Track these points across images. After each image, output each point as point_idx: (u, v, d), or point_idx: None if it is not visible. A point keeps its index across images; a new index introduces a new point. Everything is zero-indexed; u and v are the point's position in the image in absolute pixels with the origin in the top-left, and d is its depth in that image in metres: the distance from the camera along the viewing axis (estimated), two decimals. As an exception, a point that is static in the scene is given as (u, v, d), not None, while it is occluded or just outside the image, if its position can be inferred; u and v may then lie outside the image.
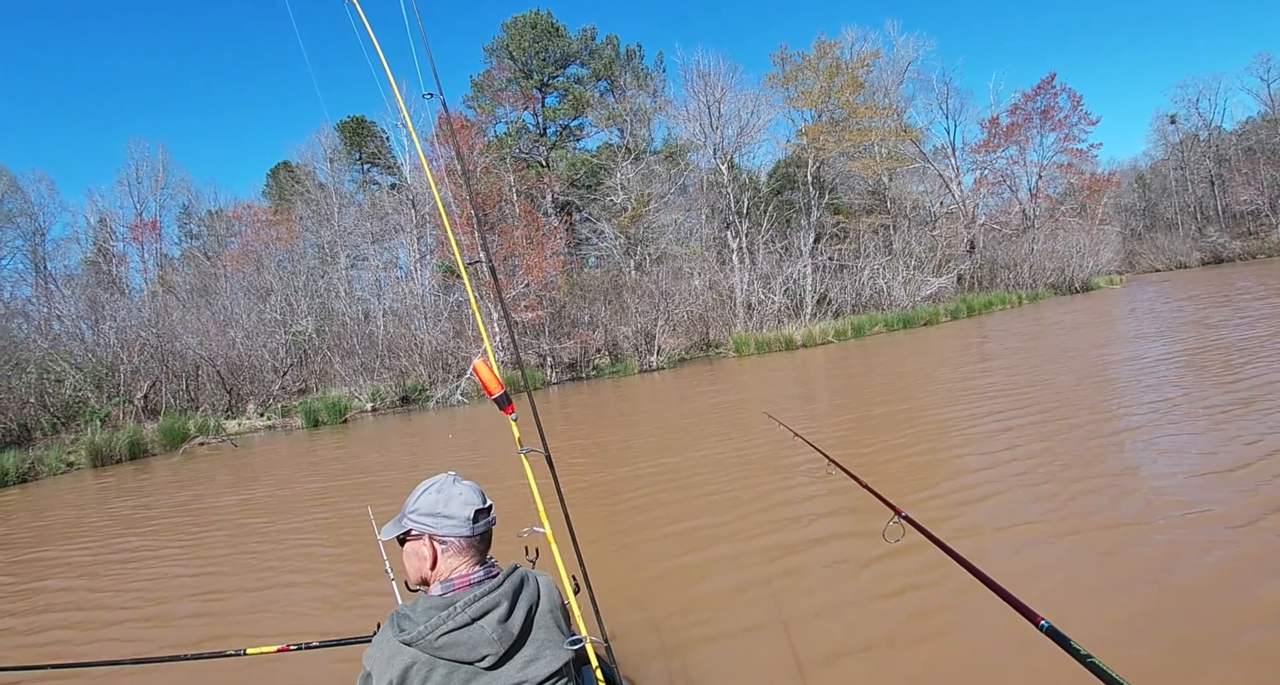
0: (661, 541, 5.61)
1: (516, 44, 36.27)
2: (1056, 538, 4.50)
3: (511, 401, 2.52)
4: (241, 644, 3.10)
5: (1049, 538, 4.52)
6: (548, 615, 1.73)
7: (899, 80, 37.80)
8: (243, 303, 24.97)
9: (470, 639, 1.55)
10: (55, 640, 5.10)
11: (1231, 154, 56.95)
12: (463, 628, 1.56)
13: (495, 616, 1.60)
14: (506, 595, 1.64)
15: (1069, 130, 42.51)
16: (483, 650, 1.56)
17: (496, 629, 1.58)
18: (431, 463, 11.22)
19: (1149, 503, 4.84)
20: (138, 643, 4.84)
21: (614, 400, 17.08)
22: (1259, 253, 49.88)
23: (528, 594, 1.70)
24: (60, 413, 18.79)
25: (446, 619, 1.55)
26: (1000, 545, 4.55)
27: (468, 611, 1.57)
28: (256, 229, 35.05)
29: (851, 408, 10.98)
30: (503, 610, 1.62)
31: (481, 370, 2.48)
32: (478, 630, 1.57)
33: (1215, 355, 10.56)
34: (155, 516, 9.22)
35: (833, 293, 29.34)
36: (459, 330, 23.99)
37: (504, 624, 1.60)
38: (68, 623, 5.43)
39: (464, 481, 1.75)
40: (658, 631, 3.96)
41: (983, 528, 4.91)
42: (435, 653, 1.54)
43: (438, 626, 1.54)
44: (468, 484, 1.75)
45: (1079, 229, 40.09)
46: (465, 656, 1.55)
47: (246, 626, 4.90)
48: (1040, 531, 4.65)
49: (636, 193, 31.12)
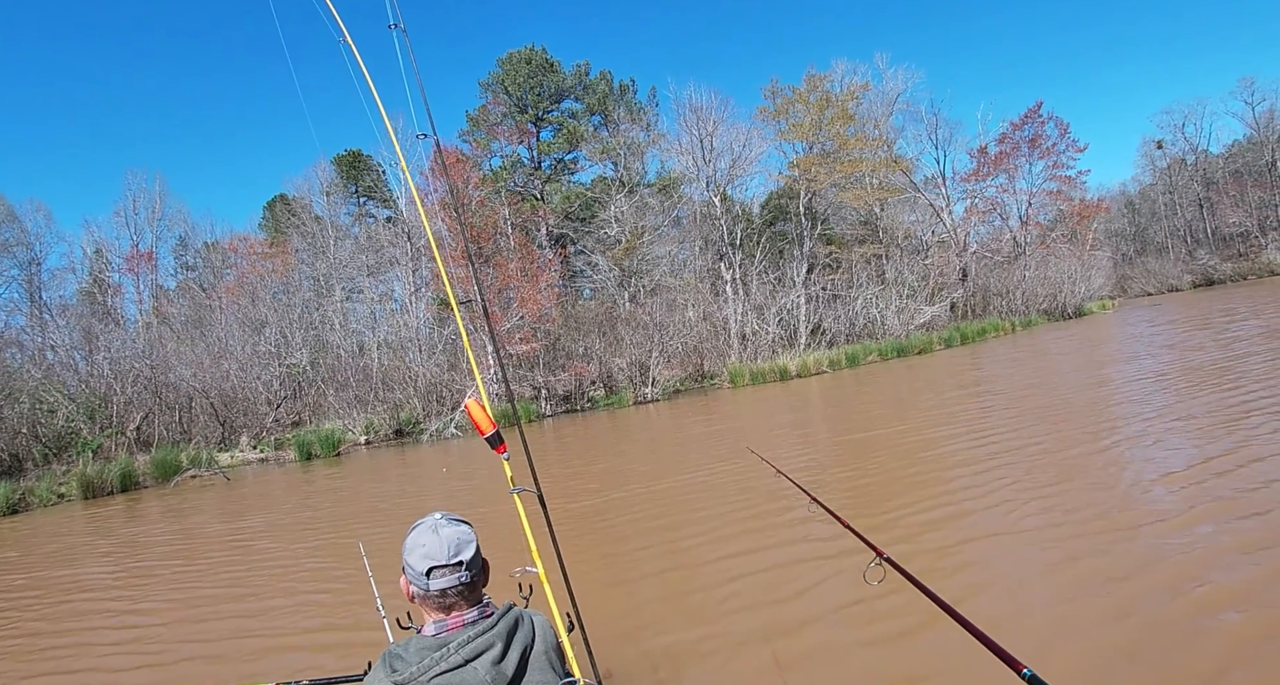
0: (655, 578, 5.63)
1: (511, 79, 36.81)
2: (1044, 578, 4.49)
3: (504, 441, 2.54)
4: (230, 680, 3.10)
5: (1037, 577, 4.51)
6: (543, 656, 1.69)
7: (888, 112, 38.36)
8: (237, 335, 25.02)
9: (464, 681, 1.52)
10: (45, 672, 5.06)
11: (1219, 177, 57.70)
12: (456, 669, 1.53)
13: (489, 658, 1.56)
14: (501, 636, 1.61)
15: (1057, 158, 43.04)
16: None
17: (490, 671, 1.55)
18: (424, 496, 11.20)
19: (1144, 546, 4.79)
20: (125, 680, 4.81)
21: (608, 432, 17.08)
22: (1249, 274, 50.31)
23: (522, 635, 1.67)
24: (52, 443, 18.71)
25: (440, 660, 1.53)
26: (987, 580, 4.55)
27: (461, 652, 1.54)
28: (252, 261, 35.22)
29: (842, 435, 11.01)
30: (497, 652, 1.58)
31: (474, 410, 2.50)
32: (471, 672, 1.53)
33: (1202, 375, 10.64)
34: (143, 552, 9.17)
35: (826, 322, 29.46)
36: (454, 363, 24.01)
37: (498, 666, 1.57)
38: (58, 657, 5.40)
39: (448, 527, 1.69)
40: (651, 670, 3.95)
41: (969, 562, 4.91)
42: None
43: (430, 668, 1.52)
44: (449, 531, 1.68)
45: (1070, 255, 40.41)
46: None
47: (234, 664, 4.88)
48: (1029, 571, 4.64)
49: (630, 225, 31.38)
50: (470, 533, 1.72)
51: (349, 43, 3.62)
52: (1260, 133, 55.42)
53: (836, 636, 4.14)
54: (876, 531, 5.94)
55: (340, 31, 3.62)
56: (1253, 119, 56.14)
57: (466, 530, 1.72)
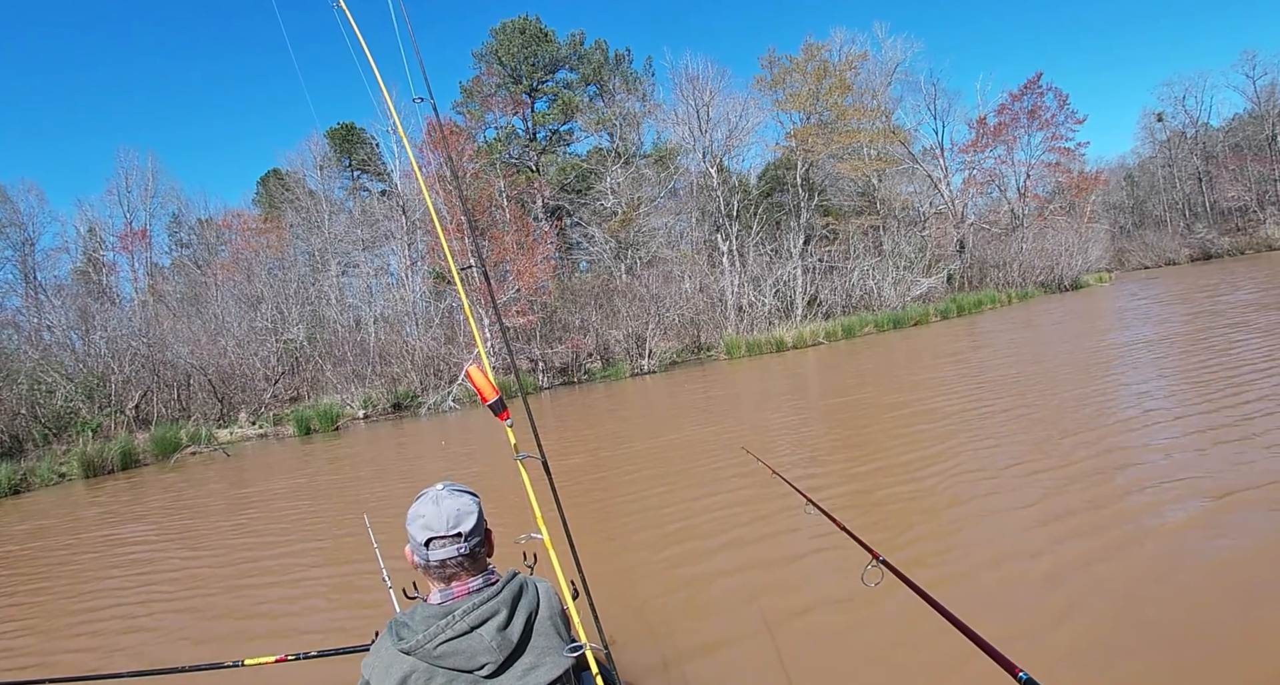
0: (658, 546, 5.69)
1: (505, 49, 36.33)
2: (1043, 578, 4.26)
3: (506, 408, 2.50)
4: (239, 654, 3.11)
5: (1037, 577, 4.29)
6: (547, 622, 1.71)
7: (887, 82, 37.96)
8: (234, 311, 24.93)
9: (469, 647, 1.55)
10: (47, 653, 5.12)
11: (1219, 151, 57.35)
12: (461, 636, 1.56)
13: (494, 624, 1.59)
14: (505, 603, 1.63)
15: (1056, 129, 42.67)
16: (482, 658, 1.56)
17: (495, 637, 1.58)
18: (425, 469, 11.26)
19: (1150, 545, 4.54)
20: (133, 655, 4.86)
21: (606, 403, 17.14)
22: (1247, 248, 50.23)
23: (527, 601, 1.69)
24: (51, 423, 18.72)
25: (445, 627, 1.55)
26: (985, 575, 4.43)
27: (466, 619, 1.57)
28: (247, 237, 34.96)
29: (838, 413, 11.07)
30: (501, 618, 1.61)
31: (476, 376, 2.46)
32: (476, 638, 1.56)
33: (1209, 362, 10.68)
34: (147, 526, 9.23)
35: (823, 294, 29.43)
36: (450, 336, 24.00)
37: (503, 632, 1.59)
38: (63, 634, 5.46)
39: (449, 498, 1.69)
40: (656, 638, 3.99)
41: (969, 552, 4.82)
42: (434, 661, 1.54)
43: (436, 635, 1.54)
44: (450, 502, 1.68)
45: (1067, 227, 40.26)
46: (464, 665, 1.55)
47: (242, 637, 4.93)
48: (1027, 570, 4.41)
49: (627, 197, 31.21)
50: (472, 503, 1.71)
51: (343, 7, 3.54)
52: (1261, 107, 54.99)
53: (840, 616, 4.10)
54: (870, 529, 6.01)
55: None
56: (1254, 93, 55.71)
57: (468, 501, 1.71)
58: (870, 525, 5.47)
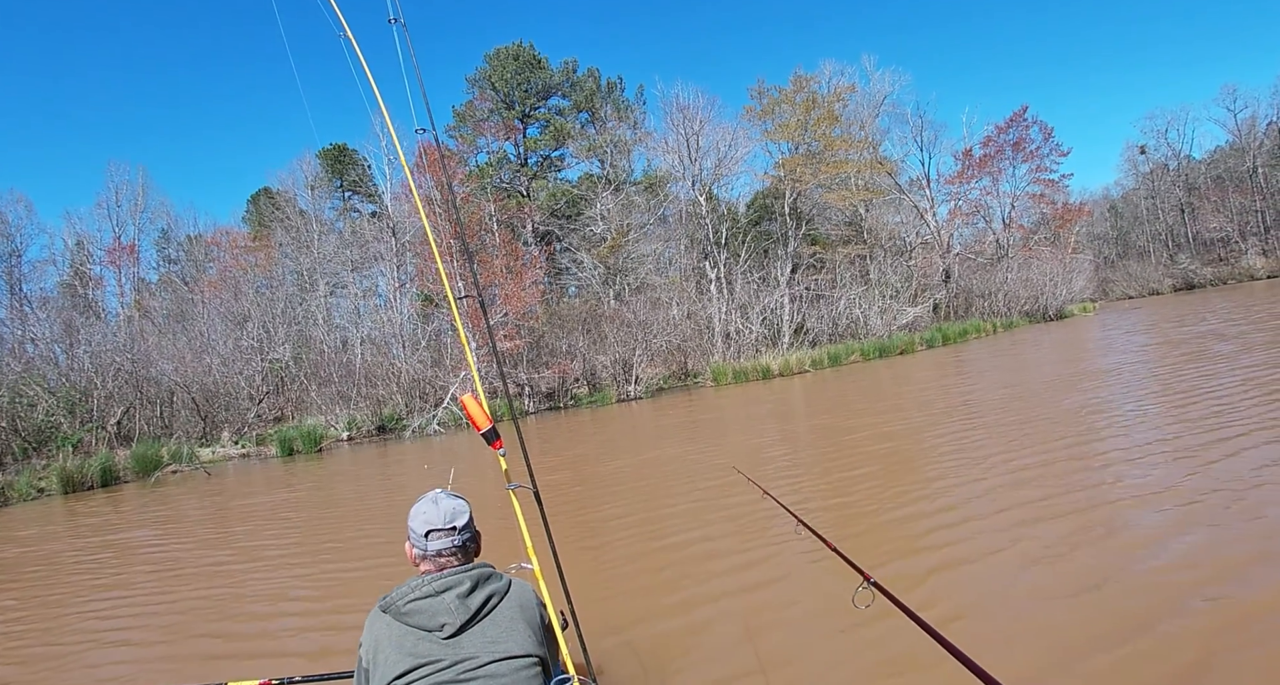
0: (646, 571, 5.69)
1: (499, 75, 36.73)
2: (1037, 600, 4.27)
3: (500, 437, 2.58)
4: (222, 677, 3.11)
5: (1031, 599, 4.29)
6: (516, 610, 1.92)
7: (874, 113, 38.61)
8: (220, 329, 24.85)
9: (431, 608, 1.81)
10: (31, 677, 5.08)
11: (1201, 182, 58.46)
12: (427, 598, 1.83)
13: (457, 592, 1.84)
14: (470, 578, 1.89)
15: (1041, 161, 43.52)
16: (441, 618, 1.80)
17: (456, 602, 1.83)
18: (408, 493, 11.21)
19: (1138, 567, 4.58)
20: (110, 679, 4.80)
21: (592, 430, 17.15)
22: (1229, 278, 51.03)
23: (492, 585, 1.92)
24: (32, 438, 18.54)
25: (416, 589, 1.85)
26: (978, 598, 4.44)
27: (434, 585, 1.85)
28: (235, 255, 34.98)
29: (823, 437, 11.14)
30: (464, 588, 1.86)
31: (470, 405, 2.54)
32: (439, 601, 1.82)
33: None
34: (123, 546, 9.16)
35: (810, 322, 29.63)
36: (437, 359, 23.98)
37: (464, 599, 1.84)
38: (43, 656, 5.42)
39: (446, 500, 2.02)
40: (644, 669, 3.97)
41: (956, 574, 4.86)
42: (403, 619, 1.82)
43: (407, 594, 1.84)
44: (447, 503, 2.01)
45: (1052, 258, 40.79)
46: (426, 623, 1.80)
47: (227, 660, 4.88)
48: (1020, 590, 4.43)
49: (616, 223, 31.43)
50: (465, 506, 2.06)
51: (349, 37, 3.62)
52: (1242, 139, 56.23)
53: (828, 646, 4.08)
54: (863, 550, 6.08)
55: (340, 26, 3.62)
56: (1235, 126, 57.02)
57: (462, 504, 2.05)
58: (861, 547, 5.52)
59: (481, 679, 1.75)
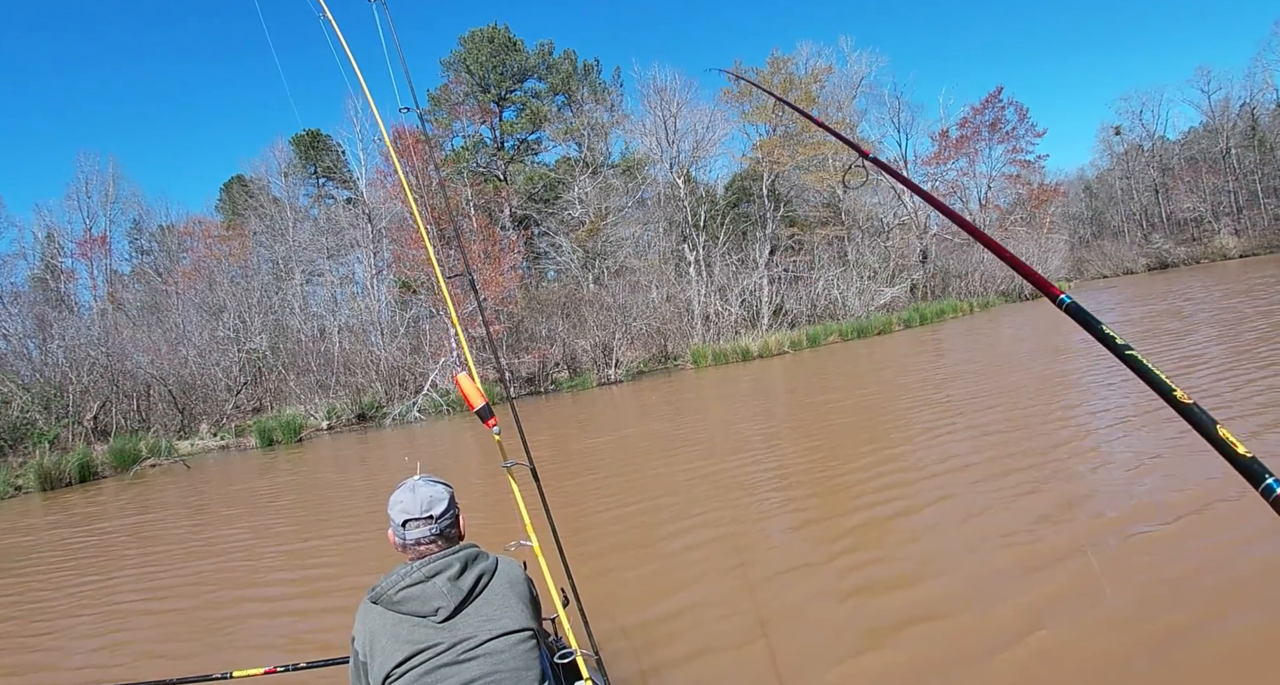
0: (640, 550, 5.74)
1: (474, 58, 36.35)
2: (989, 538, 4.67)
3: (494, 414, 2.52)
4: (225, 667, 3.09)
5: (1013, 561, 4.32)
6: (506, 587, 1.92)
7: (852, 95, 38.67)
8: (195, 320, 24.61)
9: (423, 593, 1.80)
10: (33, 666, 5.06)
11: (1175, 163, 59.04)
12: (418, 584, 1.81)
13: (447, 575, 1.83)
14: (459, 560, 1.87)
15: (1016, 142, 43.84)
16: (435, 602, 1.79)
17: (447, 585, 1.82)
18: (391, 481, 11.21)
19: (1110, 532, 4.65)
20: (113, 668, 4.79)
21: (574, 413, 17.19)
22: (1202, 258, 51.73)
23: (481, 565, 1.91)
24: (7, 435, 18.31)
25: (405, 576, 1.82)
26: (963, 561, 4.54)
27: (423, 570, 1.82)
28: (209, 244, 34.45)
29: (803, 412, 11.26)
30: (454, 570, 1.84)
31: (464, 383, 2.52)
32: (431, 586, 1.81)
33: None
34: (108, 541, 9.11)
35: (788, 303, 29.78)
36: (416, 346, 23.87)
37: (455, 581, 1.83)
38: (41, 647, 5.40)
39: (424, 487, 1.97)
40: (648, 644, 3.97)
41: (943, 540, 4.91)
42: (395, 608, 1.80)
43: (397, 583, 1.81)
44: (424, 490, 1.95)
45: (1028, 238, 41.20)
46: (420, 609, 1.79)
47: (227, 650, 4.86)
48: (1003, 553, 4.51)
49: (594, 206, 31.34)
50: (444, 492, 1.99)
51: (329, 18, 3.57)
52: (1215, 121, 56.86)
53: (824, 611, 4.12)
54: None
55: (320, 7, 3.57)
56: (1208, 107, 57.62)
57: (441, 490, 1.99)
58: (836, 500, 5.93)
59: (482, 657, 1.77)
